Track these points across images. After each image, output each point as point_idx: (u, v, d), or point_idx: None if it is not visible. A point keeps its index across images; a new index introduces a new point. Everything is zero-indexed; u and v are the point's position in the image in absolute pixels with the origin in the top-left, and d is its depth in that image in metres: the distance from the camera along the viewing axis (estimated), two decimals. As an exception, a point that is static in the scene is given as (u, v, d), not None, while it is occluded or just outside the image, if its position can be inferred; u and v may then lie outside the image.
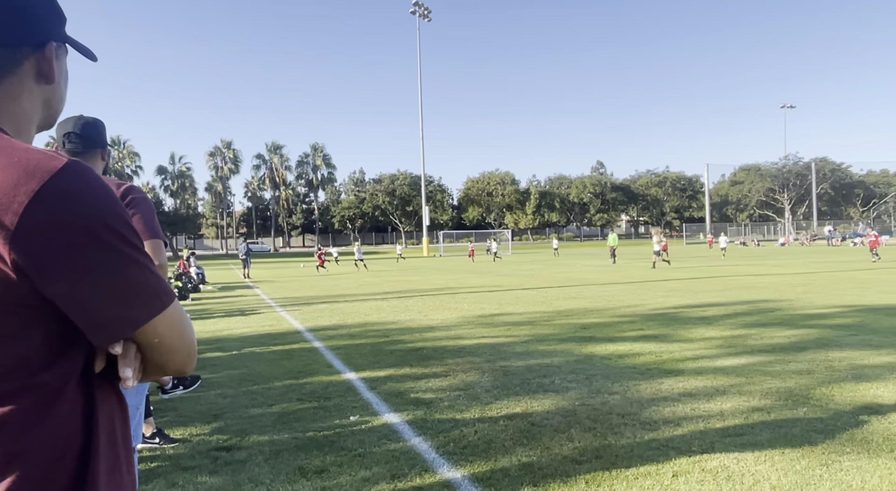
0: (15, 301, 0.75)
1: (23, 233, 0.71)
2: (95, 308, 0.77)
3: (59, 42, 0.93)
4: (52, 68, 0.90)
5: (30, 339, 0.78)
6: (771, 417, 4.23)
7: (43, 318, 0.77)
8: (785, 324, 8.33)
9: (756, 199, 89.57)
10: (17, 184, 0.72)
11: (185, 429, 4.37)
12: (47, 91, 0.92)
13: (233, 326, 9.98)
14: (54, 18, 0.91)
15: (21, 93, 0.88)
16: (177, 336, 0.87)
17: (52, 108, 0.95)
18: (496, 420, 4.36)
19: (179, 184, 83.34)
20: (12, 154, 0.75)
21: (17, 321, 0.76)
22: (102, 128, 2.48)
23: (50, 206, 0.72)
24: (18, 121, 0.88)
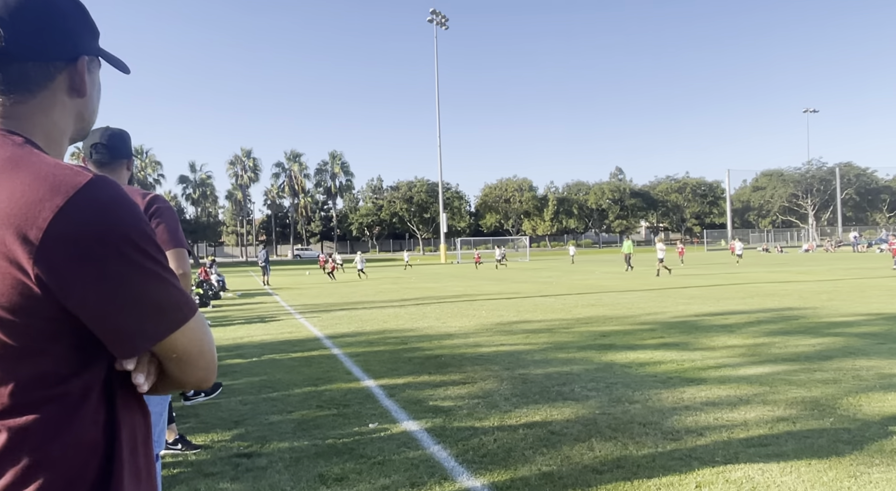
0: (38, 314, 0.76)
1: (46, 247, 0.73)
2: (115, 322, 0.78)
3: (92, 56, 0.95)
4: (83, 82, 0.92)
5: (53, 350, 0.79)
6: (797, 428, 4.15)
7: (66, 330, 0.78)
8: (810, 332, 8.18)
9: (779, 205, 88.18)
10: (42, 199, 0.74)
11: (206, 435, 4.42)
12: (79, 104, 0.94)
13: (253, 332, 10.08)
14: (87, 33, 0.93)
15: (53, 106, 0.89)
16: (195, 352, 0.87)
17: (85, 121, 0.97)
18: (515, 428, 4.33)
19: (200, 192, 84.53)
20: (39, 169, 0.77)
21: (40, 333, 0.77)
22: (128, 139, 2.54)
23: (73, 222, 0.73)
24: (50, 133, 0.89)
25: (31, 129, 0.86)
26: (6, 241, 0.73)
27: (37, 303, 0.75)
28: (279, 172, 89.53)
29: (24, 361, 0.78)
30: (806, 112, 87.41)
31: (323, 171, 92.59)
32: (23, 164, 0.78)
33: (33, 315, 0.76)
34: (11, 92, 0.85)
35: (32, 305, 0.75)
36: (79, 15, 0.92)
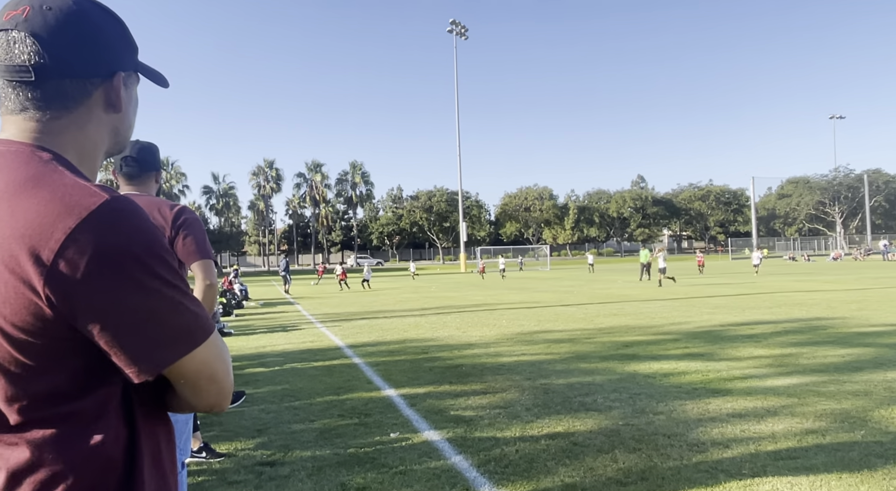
0: (50, 334, 0.77)
1: (57, 269, 0.73)
2: (122, 345, 0.78)
3: (130, 71, 0.95)
4: (119, 98, 0.92)
5: (66, 368, 0.79)
6: (826, 440, 4.05)
7: (78, 349, 0.79)
8: (839, 342, 7.99)
9: (805, 213, 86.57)
10: (56, 220, 0.74)
11: (230, 443, 4.46)
12: (115, 119, 0.94)
13: (275, 341, 10.17)
14: (124, 49, 0.94)
15: (89, 121, 0.90)
16: (206, 378, 0.86)
17: (121, 136, 0.98)
18: (537, 439, 4.30)
19: (224, 203, 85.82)
20: (56, 188, 0.78)
21: (53, 352, 0.78)
22: (156, 151, 2.61)
23: (84, 244, 0.74)
24: (84, 148, 0.90)
25: (64, 144, 0.87)
26: (20, 262, 0.74)
27: (48, 323, 0.76)
28: (300, 182, 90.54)
29: (38, 378, 0.79)
30: (832, 118, 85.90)
31: (343, 181, 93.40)
32: (42, 183, 0.78)
33: (45, 334, 0.77)
34: (48, 108, 0.86)
35: (44, 325, 0.76)
36: (117, 31, 0.92)
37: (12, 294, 0.75)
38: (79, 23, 0.86)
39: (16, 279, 0.74)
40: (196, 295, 2.51)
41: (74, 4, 0.86)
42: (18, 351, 0.77)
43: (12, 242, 0.74)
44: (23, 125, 0.86)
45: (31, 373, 0.78)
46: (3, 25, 0.84)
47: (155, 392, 0.89)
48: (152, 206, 2.43)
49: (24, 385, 0.79)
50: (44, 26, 0.83)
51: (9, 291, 0.75)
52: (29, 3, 0.84)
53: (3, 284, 0.75)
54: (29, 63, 0.83)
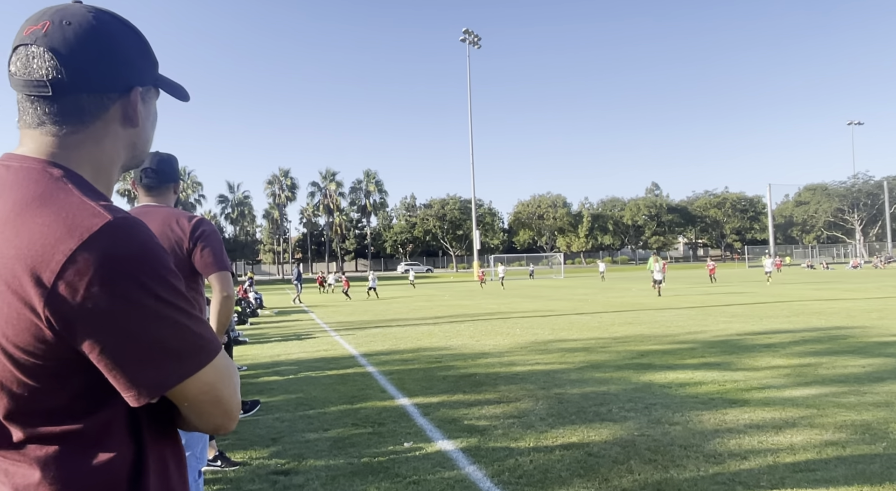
0: (52, 355, 0.77)
1: (57, 291, 0.73)
2: (122, 369, 0.77)
3: (148, 85, 0.95)
4: (136, 113, 0.92)
5: (70, 388, 0.79)
6: (847, 452, 3.98)
7: (82, 369, 0.78)
8: (859, 352, 7.86)
9: (823, 220, 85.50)
10: (57, 241, 0.74)
11: (245, 452, 4.48)
12: (132, 134, 0.94)
13: (289, 350, 10.21)
14: (143, 63, 0.93)
15: (105, 136, 0.90)
16: (209, 400, 0.85)
17: (138, 150, 0.97)
18: (552, 449, 4.27)
19: (239, 211, 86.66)
20: (60, 209, 0.77)
21: (55, 372, 0.78)
22: (175, 163, 2.65)
23: (83, 266, 0.73)
24: (100, 163, 0.90)
25: (80, 159, 0.87)
26: (22, 283, 0.74)
27: (50, 344, 0.76)
28: (315, 191, 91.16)
29: (42, 397, 0.79)
30: (850, 124, 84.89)
31: (357, 190, 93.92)
32: (48, 203, 0.78)
33: (48, 356, 0.76)
34: (65, 122, 0.86)
35: (46, 347, 0.76)
36: (136, 45, 0.92)
37: (15, 315, 0.75)
38: (97, 38, 0.86)
39: (18, 301, 0.74)
40: (213, 306, 2.54)
41: (94, 19, 0.87)
42: (21, 371, 0.77)
43: (16, 263, 0.74)
44: (40, 139, 0.86)
45: (35, 392, 0.78)
46: (23, 40, 0.85)
47: (163, 411, 0.89)
48: (170, 218, 2.46)
49: (28, 404, 0.79)
50: (62, 42, 0.84)
51: (11, 313, 0.75)
52: (49, 19, 0.85)
53: (6, 305, 0.75)
54: (47, 78, 0.83)
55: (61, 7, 0.87)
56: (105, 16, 0.89)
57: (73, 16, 0.86)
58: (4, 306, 0.75)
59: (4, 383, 0.78)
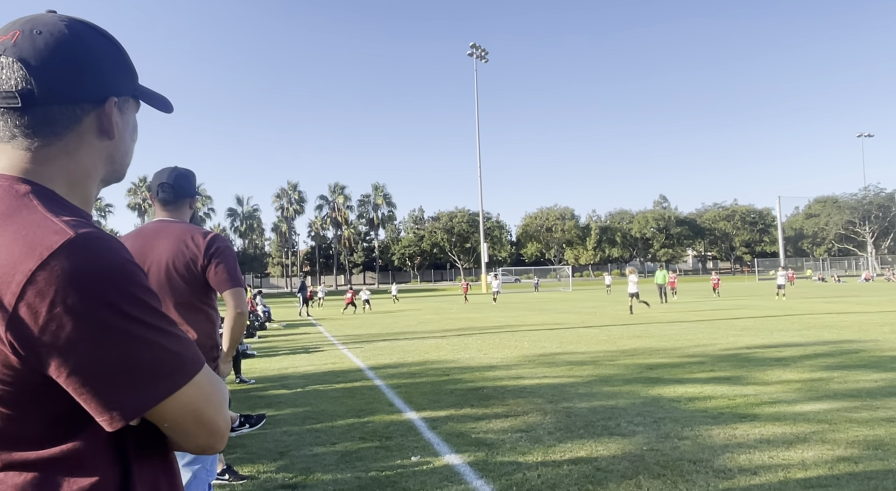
0: (20, 381, 0.73)
1: (17, 315, 0.70)
2: (92, 392, 0.73)
3: (126, 96, 0.92)
4: (111, 124, 0.88)
5: (45, 413, 0.76)
6: (859, 469, 3.94)
7: (53, 394, 0.75)
8: (871, 366, 7.78)
9: (834, 233, 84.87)
10: (17, 262, 0.71)
11: (252, 466, 4.49)
12: (109, 146, 0.90)
13: (297, 363, 10.23)
14: (119, 73, 0.90)
15: (79, 148, 0.86)
16: (190, 421, 0.80)
17: (117, 163, 0.93)
18: (560, 464, 4.25)
19: (248, 225, 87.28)
20: (21, 227, 0.74)
21: (27, 399, 0.75)
22: (193, 179, 2.69)
23: (44, 287, 0.70)
24: (74, 177, 0.87)
25: (53, 173, 0.84)
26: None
27: (16, 370, 0.72)
28: (323, 204, 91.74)
29: (14, 423, 0.75)
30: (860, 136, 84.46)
31: (366, 203, 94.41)
32: (10, 221, 0.75)
33: (16, 381, 0.73)
34: (36, 135, 0.83)
35: (13, 372, 0.72)
36: (111, 55, 0.89)
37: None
38: (68, 47, 0.83)
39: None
40: (226, 322, 2.56)
41: (66, 28, 0.84)
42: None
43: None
44: (11, 154, 0.83)
45: (8, 419, 0.75)
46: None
47: (148, 428, 0.84)
48: (185, 234, 2.50)
49: (2, 431, 0.76)
50: (32, 51, 0.80)
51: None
52: (20, 28, 0.82)
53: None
54: (16, 89, 0.80)
55: (33, 17, 0.85)
56: (79, 25, 0.86)
57: (45, 25, 0.83)
58: None
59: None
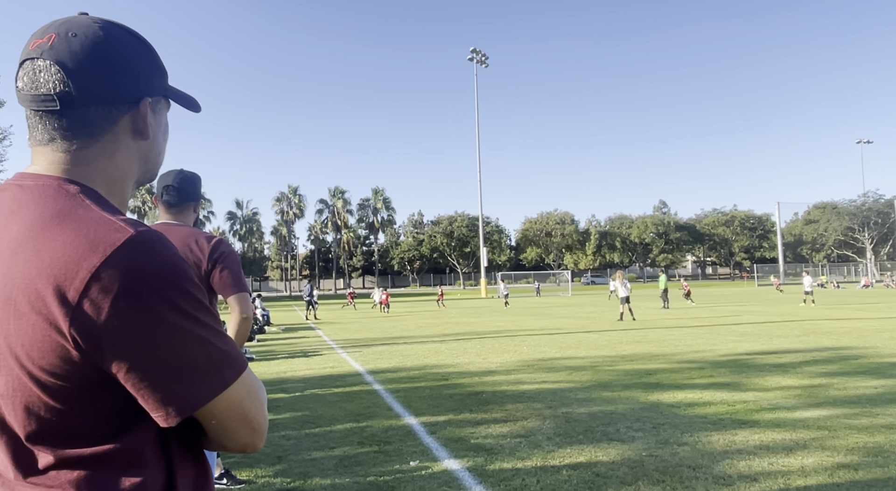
0: (79, 376, 0.74)
1: (82, 310, 0.71)
2: (150, 388, 0.75)
3: (158, 96, 0.93)
4: (146, 125, 0.90)
5: (98, 410, 0.77)
6: (859, 476, 3.93)
7: (108, 390, 0.76)
8: (871, 373, 7.77)
9: (833, 239, 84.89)
10: (80, 258, 0.72)
11: (250, 470, 4.47)
12: (144, 147, 0.92)
13: (296, 367, 10.21)
14: (152, 74, 0.91)
15: (116, 150, 0.88)
16: (236, 418, 0.82)
17: (150, 163, 0.95)
18: (559, 469, 4.24)
19: (247, 228, 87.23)
20: (81, 225, 0.76)
21: (83, 395, 0.76)
22: (198, 182, 2.67)
23: (108, 283, 0.72)
24: (113, 178, 0.88)
25: (93, 175, 0.86)
26: (47, 303, 0.72)
27: (76, 365, 0.74)
28: (322, 208, 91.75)
29: (69, 420, 0.77)
30: (860, 143, 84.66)
31: (365, 207, 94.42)
32: (67, 220, 0.76)
33: (74, 377, 0.74)
34: (75, 137, 0.84)
35: (72, 368, 0.74)
36: (144, 56, 0.90)
37: (39, 337, 0.73)
38: (104, 49, 0.84)
39: (43, 321, 0.73)
40: (231, 327, 2.56)
41: (101, 30, 0.85)
42: (48, 394, 0.75)
43: (38, 283, 0.73)
44: (51, 156, 0.85)
45: (62, 415, 0.76)
46: (29, 54, 0.83)
47: (191, 431, 0.87)
48: (189, 238, 2.49)
49: (55, 427, 0.77)
50: (69, 54, 0.82)
51: (36, 334, 0.73)
52: (55, 31, 0.83)
53: (30, 326, 0.73)
54: (54, 91, 0.82)
55: (67, 19, 0.86)
56: (112, 27, 0.87)
57: (79, 27, 0.84)
58: (29, 328, 0.73)
59: (31, 407, 0.76)
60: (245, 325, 2.53)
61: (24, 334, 0.74)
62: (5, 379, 0.76)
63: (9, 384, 0.76)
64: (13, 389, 0.76)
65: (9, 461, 0.79)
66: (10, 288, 0.75)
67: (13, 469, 0.79)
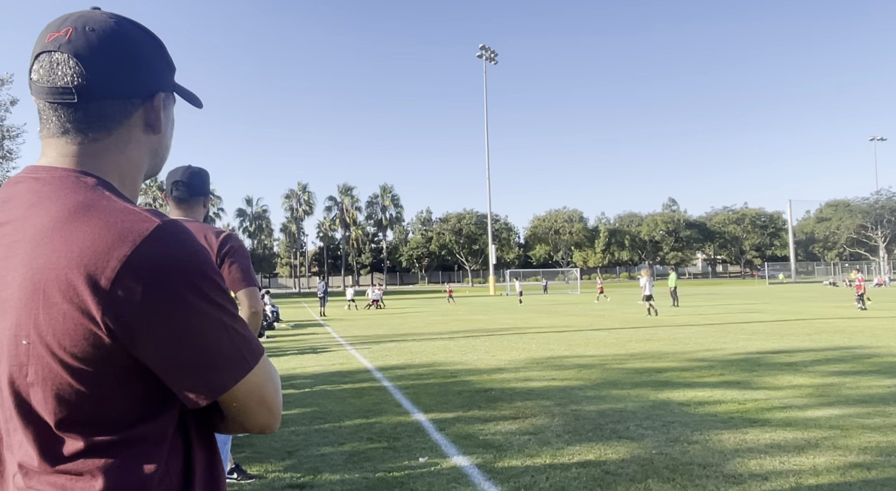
0: (109, 362, 0.76)
1: (114, 297, 0.73)
2: (181, 371, 0.78)
3: (168, 92, 0.95)
4: (159, 119, 0.92)
5: (126, 395, 0.79)
6: (872, 475, 3.89)
7: (138, 376, 0.79)
8: (884, 372, 7.69)
9: (846, 237, 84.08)
10: (111, 248, 0.74)
11: (261, 465, 4.50)
12: (154, 141, 0.94)
13: (305, 363, 10.25)
14: (164, 69, 0.93)
15: (129, 143, 0.89)
16: (255, 400, 0.86)
17: (159, 157, 0.97)
18: (568, 467, 4.23)
19: (257, 225, 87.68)
20: (109, 216, 0.77)
21: (111, 380, 0.78)
22: (207, 177, 2.69)
23: (139, 271, 0.74)
24: (124, 171, 0.90)
25: (105, 168, 0.87)
26: (78, 291, 0.74)
27: (107, 351, 0.75)
28: (331, 205, 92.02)
29: (98, 406, 0.78)
30: (873, 140, 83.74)
31: (374, 204, 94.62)
32: (93, 210, 0.78)
33: (105, 363, 0.76)
34: (89, 129, 0.85)
35: (103, 354, 0.76)
36: (156, 51, 0.92)
37: (71, 325, 0.75)
38: (121, 44, 0.86)
39: (74, 309, 0.74)
40: None
41: (116, 25, 0.86)
42: (78, 381, 0.77)
43: (69, 272, 0.74)
44: (64, 149, 0.85)
45: (91, 401, 0.78)
46: (46, 47, 0.84)
47: (206, 416, 0.89)
48: (199, 233, 2.50)
49: (84, 413, 0.78)
50: (86, 47, 0.83)
51: (67, 322, 0.75)
52: (72, 25, 0.84)
53: (61, 314, 0.75)
54: (71, 84, 0.83)
55: (83, 13, 0.87)
56: (126, 22, 0.89)
57: (96, 22, 0.85)
58: (60, 317, 0.75)
59: (62, 395, 0.77)
60: (255, 319, 2.54)
61: (56, 323, 0.75)
62: (35, 368, 0.77)
63: (38, 373, 0.77)
64: (43, 378, 0.77)
65: (35, 451, 0.79)
66: (38, 278, 0.76)
67: (39, 459, 0.79)
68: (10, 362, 0.78)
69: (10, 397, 0.80)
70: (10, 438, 0.82)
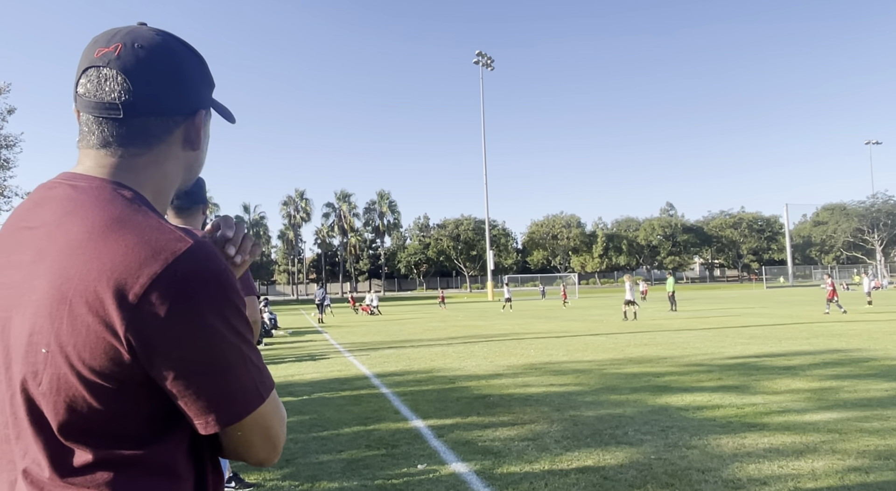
0: (126, 379, 0.76)
1: (140, 314, 0.73)
2: (196, 396, 0.77)
3: (207, 108, 0.95)
4: (199, 136, 0.93)
5: (139, 413, 0.79)
6: (870, 479, 3.89)
7: (150, 395, 0.78)
8: (881, 375, 7.70)
9: (842, 241, 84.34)
10: (142, 263, 0.74)
11: (259, 473, 4.48)
12: (191, 157, 0.95)
13: (303, 370, 10.23)
14: (205, 86, 0.94)
15: (167, 159, 0.90)
16: (260, 432, 0.84)
17: (193, 172, 0.98)
18: (567, 473, 4.22)
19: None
20: (143, 231, 0.77)
21: (126, 397, 0.77)
22: (203, 185, 2.70)
23: (168, 290, 0.74)
24: (160, 185, 0.90)
25: (142, 182, 0.87)
26: (105, 304, 0.73)
27: (125, 367, 0.75)
28: (329, 212, 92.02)
29: (110, 421, 0.78)
30: (868, 143, 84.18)
31: (371, 210, 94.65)
32: (129, 224, 0.78)
33: (121, 379, 0.76)
34: (131, 144, 0.86)
35: (121, 370, 0.75)
36: (199, 68, 0.93)
37: (93, 337, 0.74)
38: (168, 62, 0.87)
39: (98, 322, 0.74)
40: None
41: (164, 43, 0.88)
42: (92, 395, 0.76)
43: (98, 285, 0.74)
44: (103, 160, 0.86)
45: (103, 416, 0.77)
46: (94, 62, 0.85)
47: (216, 438, 0.88)
48: None
49: (96, 427, 0.78)
50: (135, 64, 0.84)
51: (90, 334, 0.74)
52: (121, 41, 0.85)
53: (84, 326, 0.74)
54: (118, 100, 0.84)
55: (131, 30, 0.88)
56: (172, 39, 0.90)
57: (144, 39, 0.86)
58: (83, 328, 0.74)
59: (74, 406, 0.77)
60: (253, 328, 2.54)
61: (78, 334, 0.75)
62: (50, 377, 0.77)
63: (53, 382, 0.77)
64: (57, 388, 0.77)
65: (46, 462, 0.78)
66: (66, 288, 0.75)
67: (49, 469, 0.78)
68: (25, 369, 0.78)
69: (23, 403, 0.79)
70: (14, 444, 0.81)
